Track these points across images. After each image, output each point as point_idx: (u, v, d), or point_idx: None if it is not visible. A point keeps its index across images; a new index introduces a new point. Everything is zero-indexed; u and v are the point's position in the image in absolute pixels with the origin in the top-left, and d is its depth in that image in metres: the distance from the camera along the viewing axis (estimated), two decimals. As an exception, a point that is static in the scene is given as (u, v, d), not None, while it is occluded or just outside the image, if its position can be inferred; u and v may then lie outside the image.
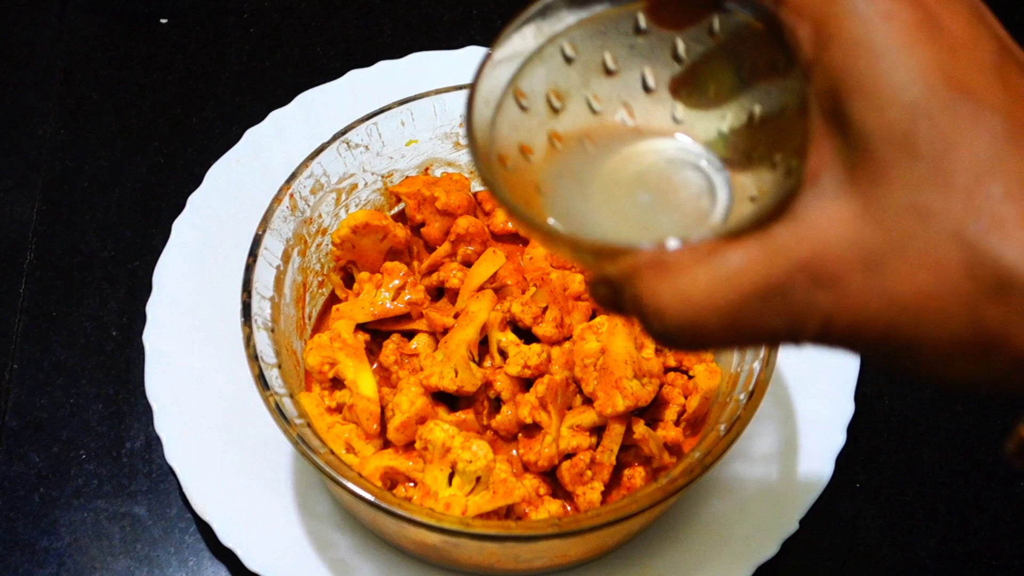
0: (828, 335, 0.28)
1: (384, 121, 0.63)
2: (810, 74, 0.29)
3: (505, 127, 0.37)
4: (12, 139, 0.78)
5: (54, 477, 0.64)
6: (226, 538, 0.59)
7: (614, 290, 0.31)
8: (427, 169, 0.67)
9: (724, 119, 0.35)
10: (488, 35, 0.84)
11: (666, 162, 0.36)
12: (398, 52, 0.78)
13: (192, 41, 0.84)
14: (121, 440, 0.66)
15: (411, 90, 0.64)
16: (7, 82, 0.81)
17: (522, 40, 0.36)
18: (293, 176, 0.60)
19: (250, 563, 0.58)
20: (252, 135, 0.74)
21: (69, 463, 0.65)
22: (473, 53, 0.78)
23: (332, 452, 0.52)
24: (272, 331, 0.56)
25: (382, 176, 0.66)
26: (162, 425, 0.62)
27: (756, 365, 0.54)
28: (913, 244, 0.26)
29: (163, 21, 0.85)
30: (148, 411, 0.63)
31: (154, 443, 0.65)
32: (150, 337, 0.65)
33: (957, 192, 0.26)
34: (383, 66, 0.78)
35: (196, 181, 0.72)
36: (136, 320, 0.69)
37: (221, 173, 0.72)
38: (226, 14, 0.86)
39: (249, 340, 0.54)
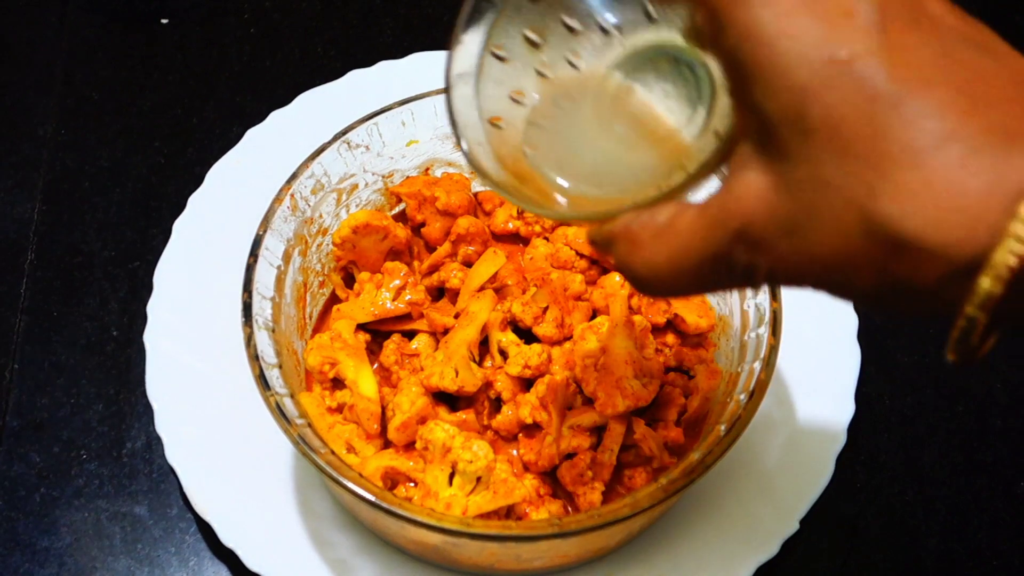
0: (774, 282, 0.33)
1: (385, 121, 0.63)
2: (714, 57, 0.32)
3: (490, 86, 0.39)
4: (13, 139, 0.78)
5: (55, 477, 0.64)
6: (227, 538, 0.59)
7: (602, 246, 0.37)
8: (428, 169, 0.67)
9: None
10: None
11: (645, 63, 0.39)
12: (399, 52, 0.79)
13: (193, 41, 0.84)
14: (122, 440, 0.66)
15: (412, 90, 0.64)
16: (8, 82, 0.81)
17: (480, 13, 0.38)
18: (294, 176, 0.60)
19: (251, 563, 0.58)
20: (253, 135, 0.74)
21: (70, 463, 0.65)
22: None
23: (333, 452, 0.52)
24: (273, 331, 0.56)
25: (383, 176, 0.66)
26: (163, 425, 0.62)
27: (756, 365, 0.54)
28: (819, 213, 0.29)
29: (164, 21, 0.85)
30: (149, 411, 0.63)
31: (155, 443, 0.65)
32: (151, 337, 0.65)
33: (850, 163, 0.28)
34: (384, 66, 0.78)
35: (197, 181, 0.72)
36: (137, 320, 0.69)
37: (222, 173, 0.72)
38: (227, 14, 0.86)
39: (250, 340, 0.54)
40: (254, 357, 0.53)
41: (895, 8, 0.29)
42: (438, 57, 0.78)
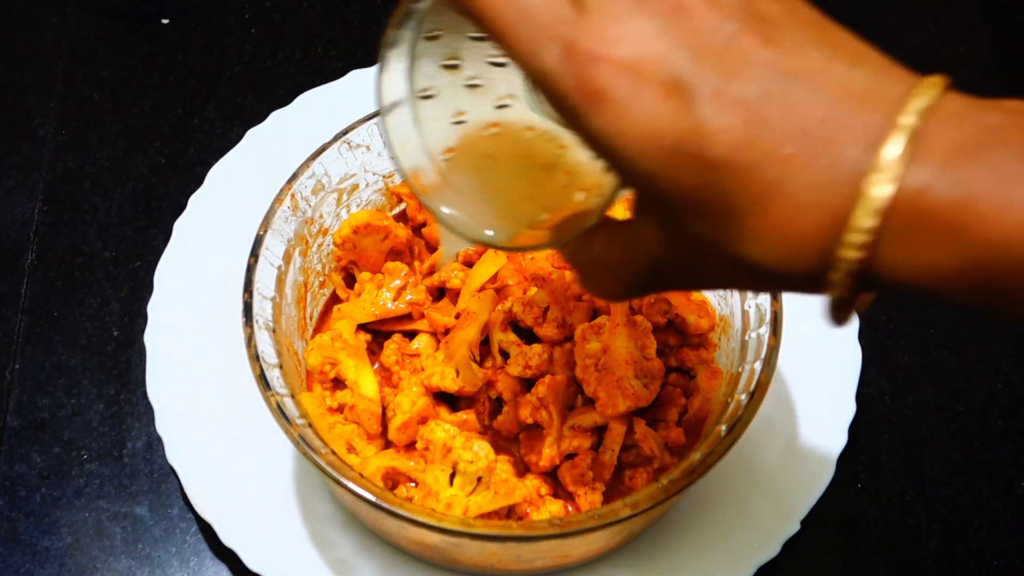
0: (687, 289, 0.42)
1: None
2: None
3: (431, 124, 0.41)
4: (13, 139, 0.78)
5: (55, 477, 0.64)
6: (227, 538, 0.59)
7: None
8: None
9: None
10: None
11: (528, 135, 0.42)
12: (399, 52, 0.78)
13: (193, 41, 0.84)
14: (122, 440, 0.66)
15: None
16: (8, 82, 0.81)
17: (397, 59, 0.41)
18: (294, 176, 0.60)
19: (251, 563, 0.58)
20: (253, 135, 0.74)
21: (70, 463, 0.65)
22: (474, 53, 0.78)
23: (333, 452, 0.52)
24: (273, 331, 0.56)
25: (383, 176, 0.66)
26: (163, 425, 0.62)
27: (757, 365, 0.54)
28: (698, 258, 0.35)
29: (164, 21, 0.85)
30: (149, 411, 0.63)
31: (155, 443, 0.65)
32: (151, 337, 0.65)
33: (710, 220, 0.33)
34: (384, 66, 0.78)
35: (197, 181, 0.72)
36: (137, 320, 0.69)
37: (222, 173, 0.72)
38: (227, 14, 0.86)
39: (250, 340, 0.54)
40: (255, 357, 0.53)
41: (710, 61, 0.32)
42: (439, 57, 0.78)
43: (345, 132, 0.62)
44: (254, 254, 0.57)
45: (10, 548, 0.62)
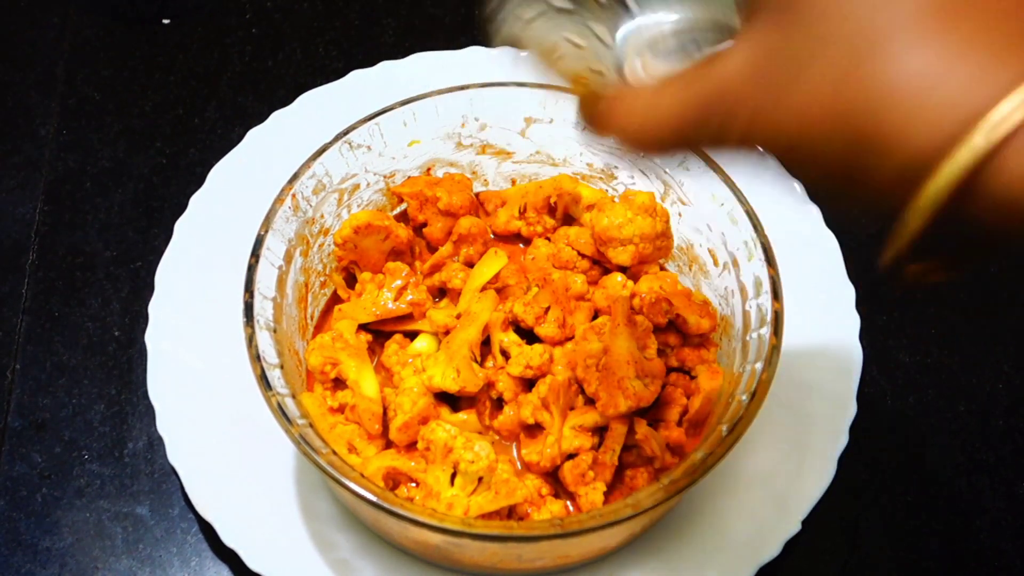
0: (746, 142, 0.35)
1: (386, 121, 0.63)
2: None
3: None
4: (15, 139, 0.78)
5: (56, 477, 0.64)
6: (228, 538, 0.59)
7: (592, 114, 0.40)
8: (429, 169, 0.67)
9: None
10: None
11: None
12: (400, 53, 0.79)
13: (194, 41, 0.84)
14: (123, 440, 0.66)
15: (413, 90, 0.64)
16: (10, 82, 0.81)
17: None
18: (295, 176, 0.60)
19: (252, 563, 0.58)
20: (254, 135, 0.74)
21: (71, 463, 0.65)
22: (475, 54, 0.78)
23: (334, 452, 0.52)
24: (274, 331, 0.56)
25: (384, 176, 0.66)
26: (164, 425, 0.62)
27: (758, 366, 0.54)
28: (798, 81, 0.31)
29: (165, 21, 0.85)
30: (150, 411, 0.63)
31: (156, 443, 0.65)
32: (152, 337, 0.65)
33: (833, 43, 0.30)
34: (385, 66, 0.78)
35: (198, 181, 0.72)
36: (138, 320, 0.69)
37: (223, 174, 0.72)
38: (228, 14, 0.86)
39: (251, 340, 0.54)
40: (256, 358, 0.53)
41: None
42: (439, 58, 0.78)
43: (346, 132, 0.62)
44: (255, 254, 0.57)
45: (11, 548, 0.62)
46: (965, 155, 0.28)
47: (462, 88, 0.64)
